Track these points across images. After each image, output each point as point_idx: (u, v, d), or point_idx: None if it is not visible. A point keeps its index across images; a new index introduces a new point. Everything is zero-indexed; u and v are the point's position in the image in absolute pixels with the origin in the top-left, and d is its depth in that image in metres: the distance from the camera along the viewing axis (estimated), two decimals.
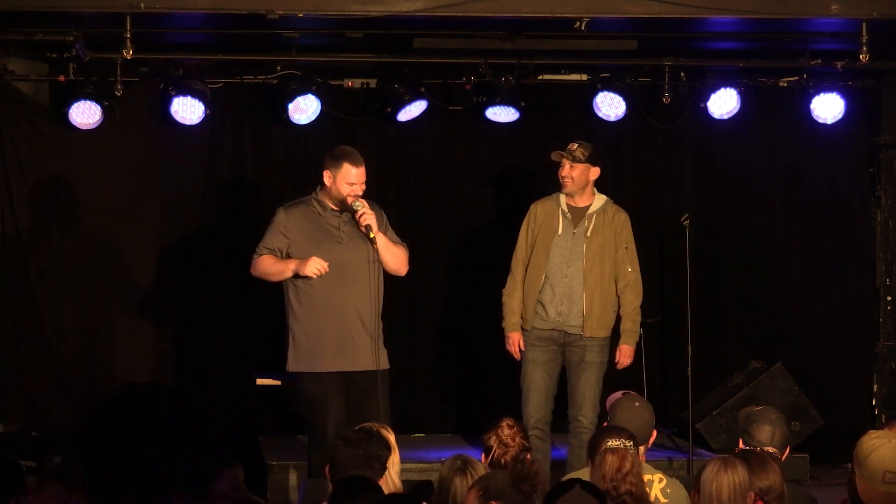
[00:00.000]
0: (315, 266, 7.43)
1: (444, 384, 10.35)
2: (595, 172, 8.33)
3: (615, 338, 8.43)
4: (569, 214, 8.32)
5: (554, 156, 8.34)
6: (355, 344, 7.56)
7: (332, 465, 5.34)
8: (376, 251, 7.53)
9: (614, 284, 8.33)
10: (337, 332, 7.55)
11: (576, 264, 8.27)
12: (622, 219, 8.37)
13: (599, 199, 8.37)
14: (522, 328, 8.37)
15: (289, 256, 7.58)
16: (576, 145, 8.31)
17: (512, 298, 8.40)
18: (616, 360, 8.39)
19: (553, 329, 8.32)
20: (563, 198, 8.35)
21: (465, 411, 10.22)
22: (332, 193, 7.60)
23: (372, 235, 7.49)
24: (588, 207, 8.33)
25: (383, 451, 5.37)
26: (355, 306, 7.57)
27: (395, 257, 7.63)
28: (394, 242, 7.65)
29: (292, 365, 7.62)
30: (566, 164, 8.28)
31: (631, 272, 8.34)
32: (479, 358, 10.21)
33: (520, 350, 8.37)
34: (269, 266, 7.60)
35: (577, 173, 8.27)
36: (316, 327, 7.55)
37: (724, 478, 4.74)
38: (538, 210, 8.41)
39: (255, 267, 7.67)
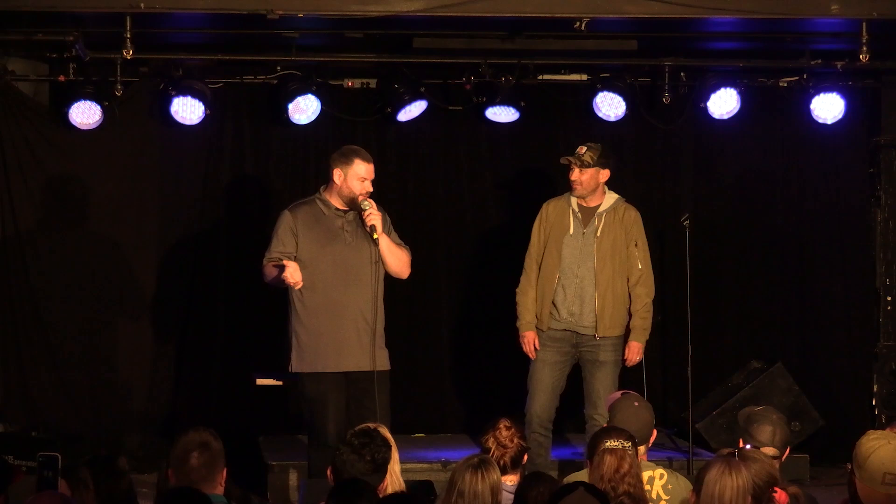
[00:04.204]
0: (290, 275, 7.42)
1: (444, 384, 10.35)
2: (605, 174, 8.29)
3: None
4: (579, 214, 8.30)
5: (563, 160, 8.31)
6: (358, 344, 7.55)
7: (335, 470, 5.33)
8: (378, 252, 7.53)
9: (626, 283, 8.32)
10: (340, 332, 7.53)
11: (586, 264, 8.26)
12: (632, 216, 8.35)
13: (610, 198, 8.34)
14: (538, 328, 8.34)
15: (296, 258, 7.55)
16: (584, 149, 8.26)
17: (526, 297, 8.37)
18: (625, 357, 8.36)
19: (566, 330, 8.31)
20: (573, 198, 8.33)
21: (466, 411, 10.23)
22: (342, 192, 7.59)
23: (375, 236, 7.49)
24: (598, 207, 8.31)
25: (386, 452, 5.38)
26: (358, 307, 7.56)
27: (397, 259, 7.63)
28: (397, 245, 7.65)
29: (297, 366, 7.61)
30: (575, 168, 8.25)
31: (642, 269, 8.32)
32: (479, 357, 10.22)
33: (535, 349, 8.33)
34: (269, 274, 7.58)
35: (587, 178, 8.24)
36: (319, 328, 7.55)
37: (727, 480, 4.74)
38: (550, 209, 8.39)
39: (264, 277, 7.65)
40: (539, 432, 8.21)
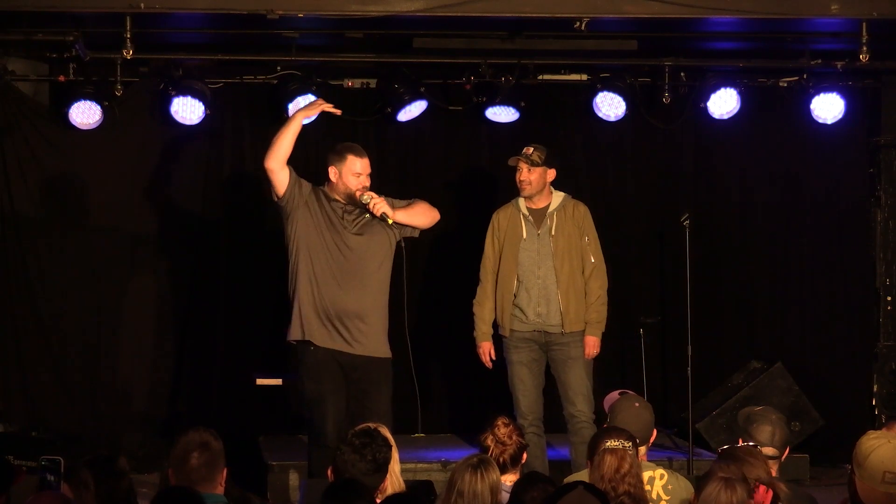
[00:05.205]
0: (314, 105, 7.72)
1: (443, 384, 10.35)
2: (552, 174, 8.40)
3: None
4: (530, 217, 8.40)
5: (511, 161, 8.41)
6: (356, 329, 7.58)
7: (336, 470, 5.33)
8: (403, 229, 7.65)
9: (583, 277, 8.39)
10: (336, 315, 7.56)
11: (546, 264, 8.35)
12: (582, 211, 8.44)
13: (558, 197, 8.44)
14: (501, 335, 8.44)
15: (287, 205, 7.61)
16: (531, 149, 8.36)
17: (482, 308, 8.51)
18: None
19: (534, 330, 8.40)
20: (522, 202, 8.43)
21: (465, 411, 10.22)
22: (339, 189, 7.65)
23: (391, 221, 7.56)
24: (547, 207, 8.40)
25: (387, 452, 5.39)
26: (355, 294, 7.60)
27: (420, 216, 7.77)
28: (409, 207, 7.69)
29: (293, 334, 7.61)
30: (524, 168, 8.35)
31: (594, 262, 8.41)
32: (478, 358, 10.20)
33: (492, 360, 8.48)
34: (276, 135, 7.64)
35: (535, 177, 8.34)
36: (318, 305, 7.57)
37: (722, 496, 4.76)
38: (500, 218, 8.50)
39: (270, 151, 7.67)
40: (532, 431, 8.26)
